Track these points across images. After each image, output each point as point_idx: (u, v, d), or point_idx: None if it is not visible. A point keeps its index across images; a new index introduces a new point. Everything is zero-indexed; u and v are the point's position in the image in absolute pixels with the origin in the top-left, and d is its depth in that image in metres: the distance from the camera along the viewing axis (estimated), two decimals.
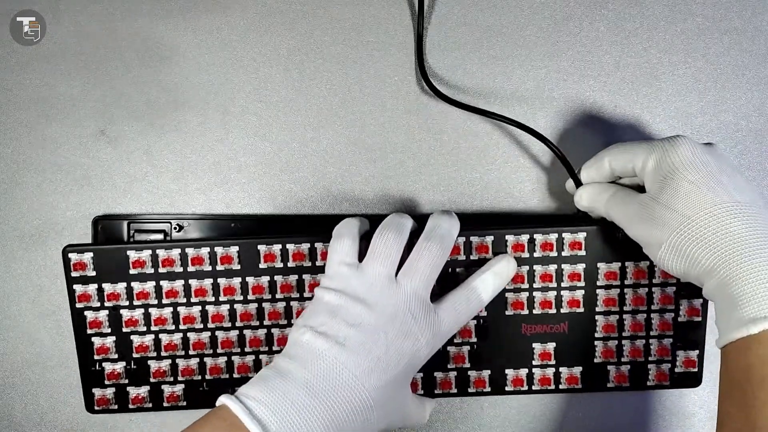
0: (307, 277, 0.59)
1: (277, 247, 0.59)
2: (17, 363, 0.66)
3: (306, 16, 0.66)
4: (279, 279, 0.59)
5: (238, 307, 0.60)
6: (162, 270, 0.59)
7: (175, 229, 0.64)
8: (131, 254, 0.59)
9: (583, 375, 0.60)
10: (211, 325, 0.60)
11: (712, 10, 0.65)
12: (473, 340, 0.60)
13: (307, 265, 0.59)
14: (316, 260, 0.59)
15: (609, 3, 0.65)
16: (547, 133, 0.64)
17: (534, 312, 0.59)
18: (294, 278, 0.59)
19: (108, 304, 0.60)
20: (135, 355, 0.60)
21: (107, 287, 0.59)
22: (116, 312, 0.60)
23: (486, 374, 0.60)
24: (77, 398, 0.64)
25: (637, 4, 0.65)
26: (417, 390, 0.60)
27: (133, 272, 0.59)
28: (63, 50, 0.65)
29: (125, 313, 0.60)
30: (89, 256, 0.59)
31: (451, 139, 0.65)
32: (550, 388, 0.60)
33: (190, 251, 0.59)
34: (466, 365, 0.60)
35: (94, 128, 0.65)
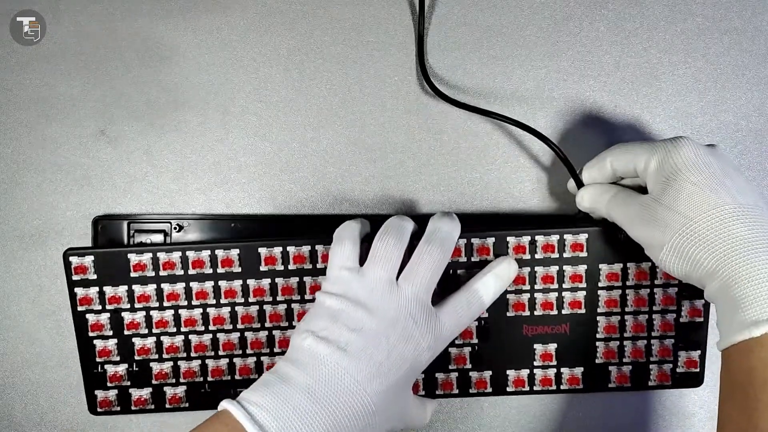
0: (308, 280, 0.59)
1: (278, 250, 0.59)
2: (17, 363, 0.66)
3: (306, 16, 0.65)
4: (280, 281, 0.59)
5: (240, 310, 0.60)
6: (163, 273, 0.59)
7: (175, 229, 0.64)
8: (132, 257, 0.59)
9: (584, 375, 0.60)
10: (212, 327, 0.60)
11: (712, 10, 0.65)
12: (474, 341, 0.60)
13: (308, 267, 0.59)
14: (316, 262, 0.59)
15: (609, 3, 0.65)
16: (547, 133, 0.63)
17: (535, 313, 0.59)
18: (295, 281, 0.59)
19: (109, 307, 0.60)
20: (137, 358, 0.60)
21: (108, 290, 0.59)
22: (118, 315, 0.60)
23: (487, 375, 0.60)
24: (77, 398, 0.64)
25: (637, 4, 0.65)
26: (418, 391, 0.60)
27: (134, 275, 0.59)
28: (63, 50, 0.65)
29: (127, 316, 0.60)
30: (90, 259, 0.59)
31: (451, 139, 0.65)
32: (552, 388, 0.60)
33: (190, 254, 0.59)
34: (467, 366, 0.60)
35: (94, 128, 0.65)
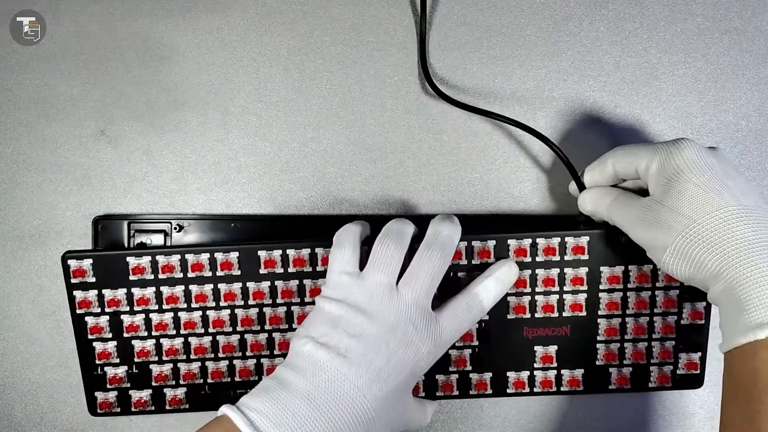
0: (308, 282, 0.59)
1: (278, 253, 0.58)
2: (17, 363, 0.66)
3: (306, 16, 0.65)
4: (280, 284, 0.59)
5: (239, 312, 0.59)
6: (162, 276, 0.59)
7: (175, 229, 0.64)
8: (131, 260, 0.59)
9: (584, 377, 0.60)
10: (212, 330, 0.60)
11: (712, 10, 0.65)
12: (475, 343, 0.60)
13: (308, 270, 0.59)
14: (316, 265, 0.59)
15: (609, 3, 0.65)
16: (548, 133, 0.63)
17: (536, 315, 0.59)
18: (295, 283, 0.59)
19: (108, 310, 0.59)
20: (137, 360, 0.60)
21: (107, 293, 0.59)
22: (117, 318, 0.60)
23: (488, 377, 0.60)
24: (77, 398, 0.65)
25: (637, 4, 0.65)
26: (419, 393, 0.60)
27: (133, 278, 0.59)
28: (63, 50, 0.65)
29: (126, 318, 0.60)
30: (89, 262, 0.59)
31: (451, 139, 0.65)
32: (552, 390, 0.60)
33: (190, 257, 0.59)
34: (467, 368, 0.60)
35: (94, 128, 0.65)
